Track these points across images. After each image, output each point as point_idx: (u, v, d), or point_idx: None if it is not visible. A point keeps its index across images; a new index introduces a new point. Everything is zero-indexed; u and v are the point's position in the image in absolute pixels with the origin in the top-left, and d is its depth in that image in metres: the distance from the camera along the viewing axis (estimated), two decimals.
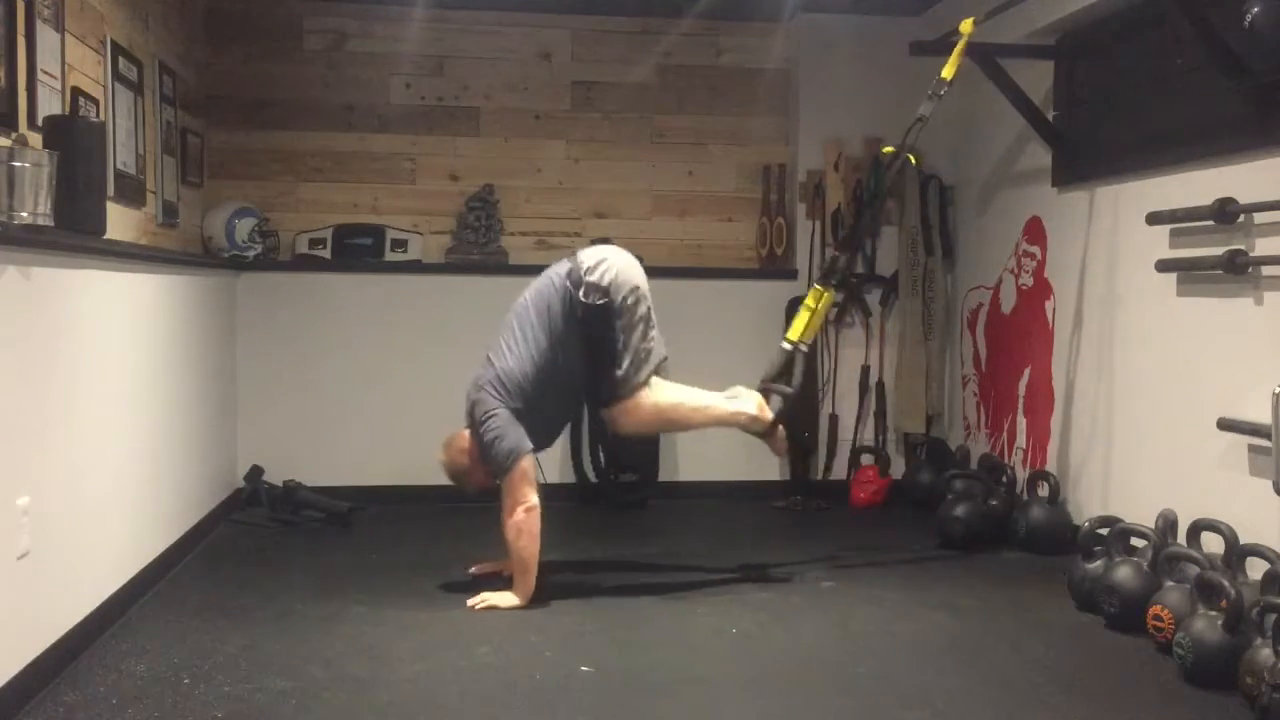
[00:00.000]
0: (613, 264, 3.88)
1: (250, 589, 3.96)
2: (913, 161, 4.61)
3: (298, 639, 3.40)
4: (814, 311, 4.37)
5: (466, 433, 3.95)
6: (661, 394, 3.97)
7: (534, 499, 3.72)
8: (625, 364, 3.85)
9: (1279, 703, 2.71)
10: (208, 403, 4.93)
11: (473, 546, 4.33)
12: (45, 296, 3.04)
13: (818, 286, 4.43)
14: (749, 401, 4.14)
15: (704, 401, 4.10)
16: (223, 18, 5.70)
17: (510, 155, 5.94)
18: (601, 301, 3.81)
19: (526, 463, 3.74)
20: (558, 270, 3.94)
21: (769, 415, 4.15)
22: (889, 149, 4.59)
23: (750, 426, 4.19)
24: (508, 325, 3.94)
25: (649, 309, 3.92)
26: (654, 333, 3.93)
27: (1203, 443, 3.73)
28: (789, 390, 4.30)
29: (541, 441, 3.90)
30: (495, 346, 3.93)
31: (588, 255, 3.92)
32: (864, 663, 3.26)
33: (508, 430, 3.76)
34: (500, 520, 3.79)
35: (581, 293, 3.81)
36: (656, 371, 3.95)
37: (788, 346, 4.38)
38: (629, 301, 3.84)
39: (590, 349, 3.88)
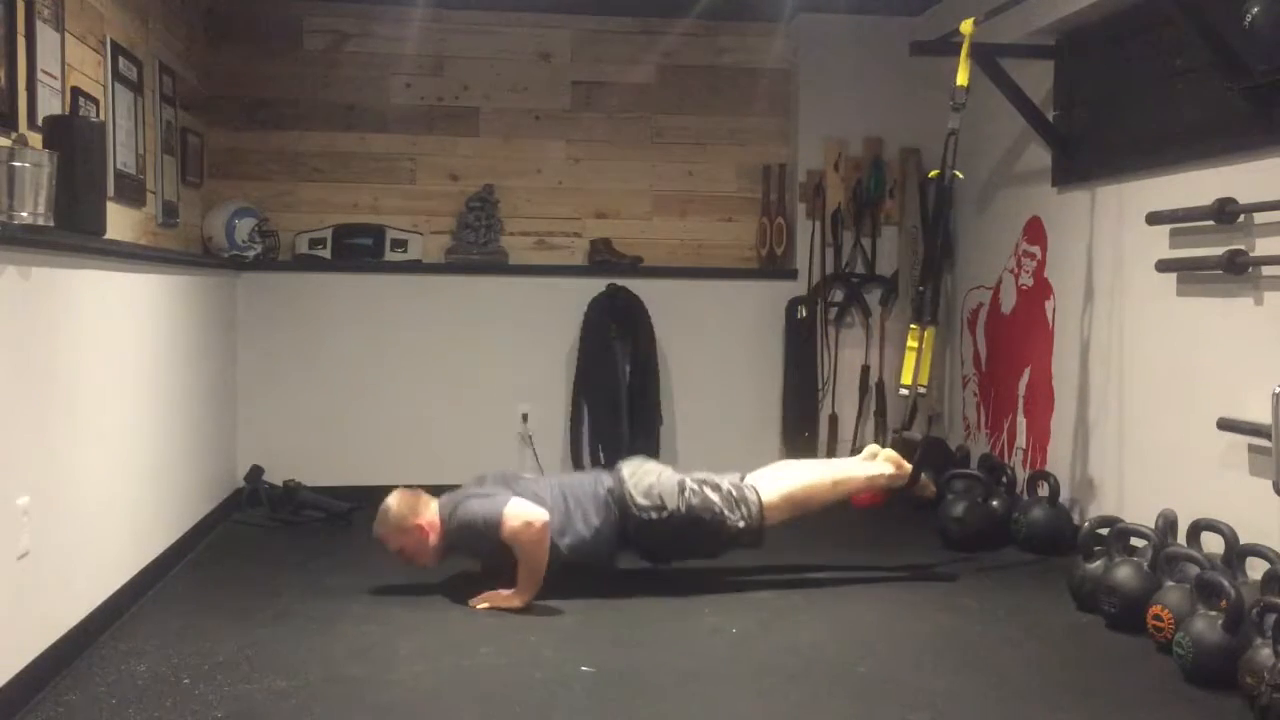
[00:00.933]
0: (647, 478, 3.99)
1: (250, 589, 3.96)
2: (959, 177, 4.61)
3: (298, 639, 3.40)
4: (919, 351, 4.41)
5: (432, 502, 3.92)
6: (787, 484, 4.10)
7: (545, 514, 3.72)
8: (738, 515, 3.98)
9: (1279, 703, 2.71)
10: (208, 403, 4.93)
11: None
12: (45, 296, 3.04)
13: (915, 326, 4.46)
14: (884, 462, 4.25)
15: (839, 474, 4.25)
16: (223, 18, 5.70)
17: (510, 155, 5.95)
18: (663, 516, 3.92)
19: (515, 497, 3.76)
20: (600, 479, 4.03)
21: (908, 468, 4.25)
22: (934, 172, 4.61)
23: (892, 484, 4.30)
24: (523, 477, 4.09)
25: (696, 480, 4.01)
26: (714, 480, 4.03)
27: (1203, 443, 3.73)
28: (918, 437, 4.43)
29: None
30: (500, 475, 4.06)
31: (629, 479, 3.98)
32: (864, 663, 3.26)
33: (486, 497, 3.80)
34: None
35: (636, 511, 3.91)
36: (742, 480, 4.08)
37: (905, 392, 4.46)
38: (685, 495, 3.95)
39: (681, 541, 4.01)
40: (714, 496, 3.97)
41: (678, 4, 5.76)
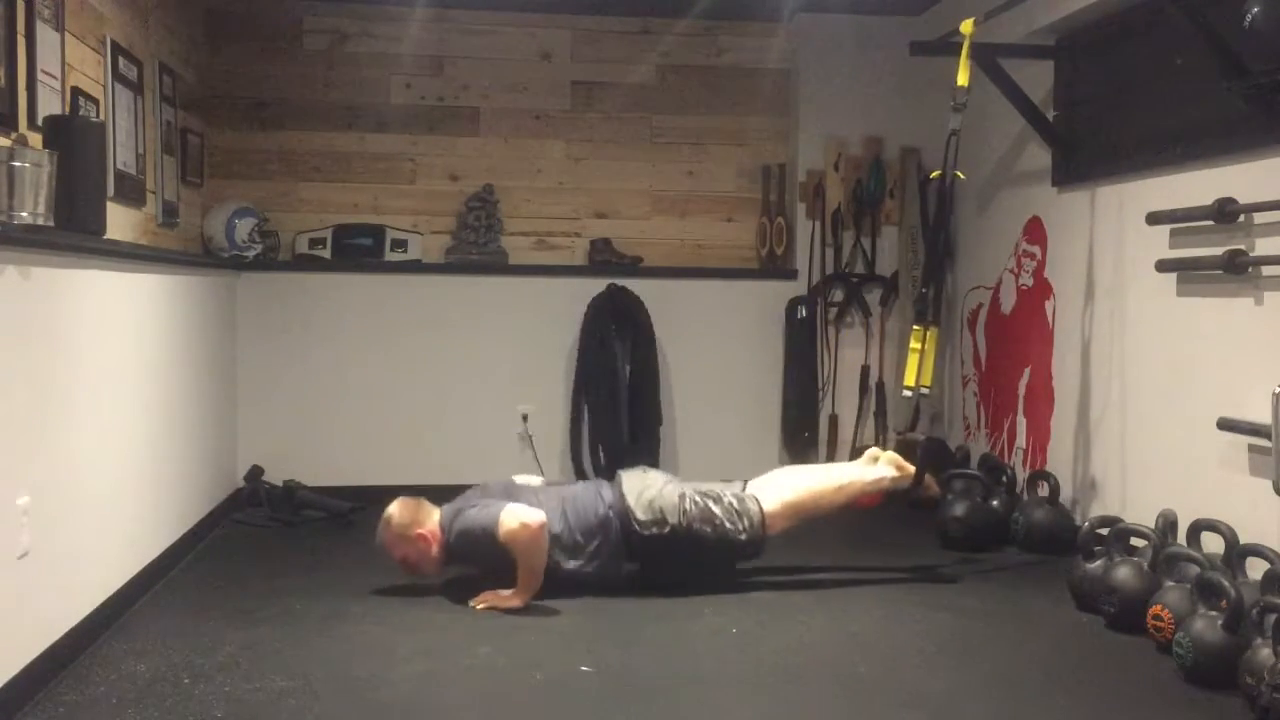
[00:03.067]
0: (649, 493, 3.97)
1: (250, 589, 3.96)
2: (961, 177, 4.60)
3: (298, 639, 3.40)
4: (922, 352, 4.40)
5: (434, 511, 3.93)
6: (789, 491, 4.09)
7: (542, 515, 3.72)
8: (740, 527, 3.96)
9: (1279, 703, 2.71)
10: (208, 403, 4.93)
11: None
12: (45, 296, 3.04)
13: (917, 327, 4.44)
14: (886, 465, 4.23)
15: (841, 480, 4.22)
16: (223, 18, 5.70)
17: (510, 155, 5.95)
18: (665, 531, 3.91)
19: (512, 503, 3.77)
20: (601, 495, 4.00)
21: (910, 469, 4.24)
22: (936, 173, 4.60)
23: (896, 486, 4.28)
24: (526, 489, 4.06)
25: (697, 491, 4.00)
26: (715, 491, 4.02)
27: (1203, 443, 3.73)
28: (921, 439, 4.35)
29: None
30: (504, 486, 4.08)
31: (630, 494, 3.96)
32: (864, 663, 3.26)
33: (490, 501, 3.82)
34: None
35: (638, 526, 3.90)
36: (744, 489, 4.07)
37: (908, 394, 4.44)
38: (686, 507, 3.94)
39: (684, 558, 3.99)
40: (715, 508, 3.95)
41: (678, 4, 5.76)
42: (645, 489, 3.98)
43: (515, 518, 3.68)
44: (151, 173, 4.52)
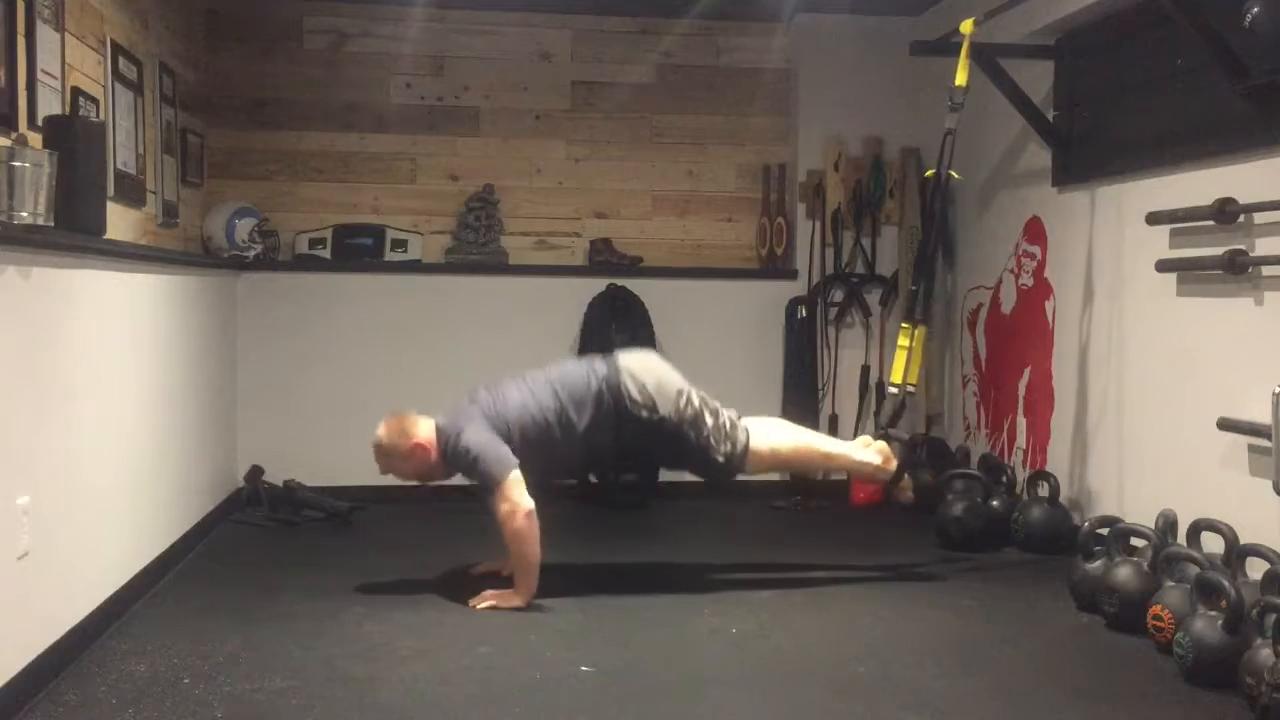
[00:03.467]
0: (647, 376, 3.96)
1: (250, 589, 3.96)
2: (956, 177, 4.61)
3: (298, 639, 3.40)
4: (910, 350, 4.41)
5: (422, 420, 3.92)
6: (779, 439, 4.12)
7: (531, 503, 3.72)
8: (722, 449, 3.96)
9: (1279, 703, 2.71)
10: (208, 403, 4.93)
11: (472, 546, 4.32)
12: (45, 296, 3.04)
13: (906, 324, 4.46)
14: (874, 451, 4.24)
15: (830, 449, 4.29)
16: (223, 18, 5.70)
17: (510, 155, 5.95)
18: (654, 418, 3.90)
19: (516, 471, 3.74)
20: (594, 368, 3.99)
21: (894, 464, 4.25)
22: (930, 172, 4.61)
23: (876, 475, 4.31)
24: (516, 377, 4.03)
25: (699, 396, 3.99)
26: (715, 405, 4.02)
27: (1203, 443, 3.73)
28: (904, 437, 4.42)
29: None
30: (494, 383, 4.02)
31: (626, 370, 3.95)
32: (864, 663, 3.26)
33: (492, 443, 3.78)
34: (496, 524, 3.78)
35: (629, 405, 3.89)
36: (739, 419, 4.06)
37: (894, 390, 4.45)
38: (680, 404, 3.93)
39: (662, 449, 4.03)
40: (708, 419, 3.95)
41: (678, 4, 5.76)
42: (645, 371, 3.97)
43: (510, 498, 3.67)
44: (151, 173, 4.52)
